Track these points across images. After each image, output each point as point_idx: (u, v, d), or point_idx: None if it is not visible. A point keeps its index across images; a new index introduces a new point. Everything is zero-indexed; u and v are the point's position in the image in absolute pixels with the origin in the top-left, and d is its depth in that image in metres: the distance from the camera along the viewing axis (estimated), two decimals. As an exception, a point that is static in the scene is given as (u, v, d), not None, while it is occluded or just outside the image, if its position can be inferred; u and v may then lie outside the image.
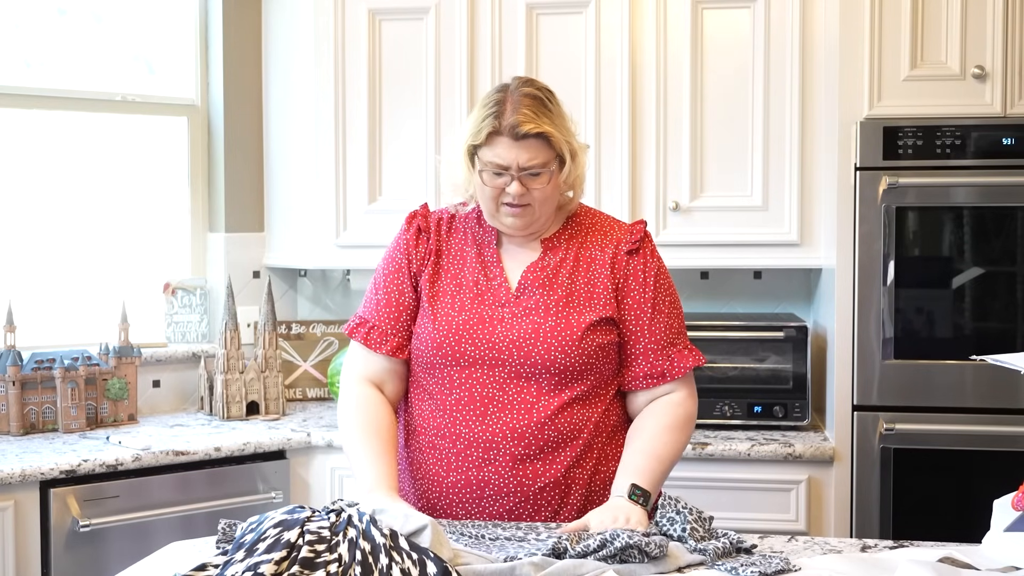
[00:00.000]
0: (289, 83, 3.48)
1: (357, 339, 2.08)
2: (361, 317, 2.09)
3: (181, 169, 3.61)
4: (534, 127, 1.92)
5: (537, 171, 1.94)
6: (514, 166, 1.93)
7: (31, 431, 3.06)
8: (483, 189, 1.98)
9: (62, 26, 3.40)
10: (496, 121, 1.93)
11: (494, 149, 1.94)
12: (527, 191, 1.95)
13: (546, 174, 1.96)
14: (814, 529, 2.89)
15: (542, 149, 1.94)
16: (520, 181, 1.94)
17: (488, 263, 2.04)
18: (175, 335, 3.54)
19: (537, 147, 1.93)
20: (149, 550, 1.90)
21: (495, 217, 2.01)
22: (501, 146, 1.93)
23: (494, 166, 1.94)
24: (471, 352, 1.98)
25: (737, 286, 3.53)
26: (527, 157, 1.93)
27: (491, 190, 1.97)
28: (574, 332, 1.97)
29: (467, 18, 3.23)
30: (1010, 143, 2.77)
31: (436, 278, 2.05)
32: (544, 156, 1.94)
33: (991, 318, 2.83)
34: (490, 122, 1.93)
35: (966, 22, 2.82)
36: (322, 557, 1.46)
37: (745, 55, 3.13)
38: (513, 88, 1.98)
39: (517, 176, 1.94)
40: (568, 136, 1.99)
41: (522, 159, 1.93)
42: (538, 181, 1.95)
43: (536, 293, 2.00)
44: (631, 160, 3.18)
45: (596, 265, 2.03)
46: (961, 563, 1.65)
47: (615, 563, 1.66)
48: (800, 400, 3.05)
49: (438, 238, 2.07)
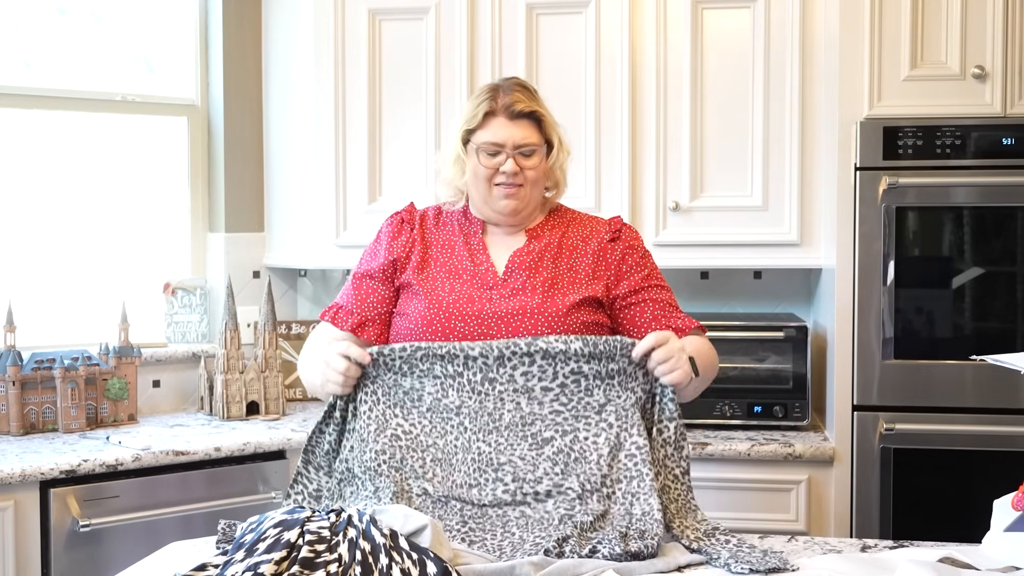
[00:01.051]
0: (289, 83, 3.49)
1: (325, 319, 2.18)
2: (334, 303, 2.20)
3: (181, 169, 3.61)
4: (528, 107, 2.09)
5: (530, 150, 2.08)
6: (509, 144, 2.07)
7: (31, 431, 3.06)
8: (478, 170, 2.09)
9: (62, 26, 3.40)
10: (492, 103, 2.08)
11: (490, 129, 2.08)
12: (520, 170, 2.08)
13: (538, 154, 2.10)
14: (814, 529, 2.89)
15: (534, 130, 2.09)
16: (514, 159, 2.07)
17: (475, 251, 2.13)
18: (175, 335, 3.54)
19: (530, 128, 2.09)
20: (149, 550, 1.90)
21: (488, 201, 2.11)
22: (497, 125, 2.08)
23: (490, 145, 2.07)
24: (461, 328, 2.02)
25: (737, 286, 3.53)
26: (521, 136, 2.08)
27: (486, 170, 2.08)
28: (559, 309, 2.03)
29: (467, 18, 3.23)
30: (1010, 143, 2.77)
31: (425, 265, 2.12)
32: (536, 137, 2.09)
33: (991, 318, 2.83)
34: (486, 104, 2.08)
35: (966, 22, 2.82)
36: (322, 557, 1.46)
37: (745, 55, 3.13)
38: (503, 81, 2.16)
39: (512, 154, 2.07)
40: (555, 125, 2.14)
41: (517, 137, 2.07)
42: (530, 161, 2.09)
43: (522, 275, 2.08)
44: (631, 160, 3.18)
45: (578, 252, 2.13)
46: (961, 563, 1.65)
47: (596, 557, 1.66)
48: (800, 400, 3.05)
49: (424, 229, 2.17)
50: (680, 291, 3.53)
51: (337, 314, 2.15)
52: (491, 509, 1.87)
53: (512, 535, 1.80)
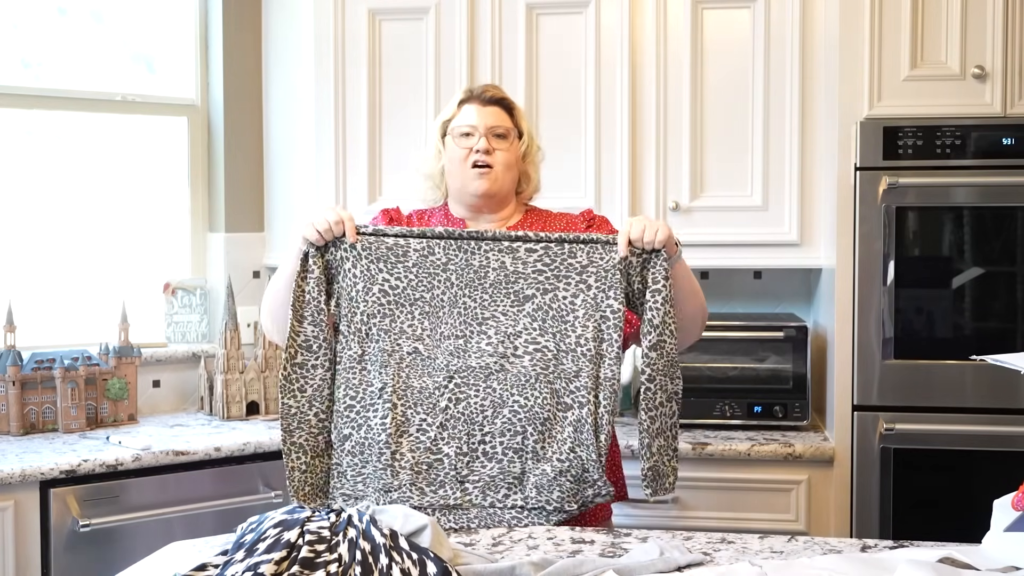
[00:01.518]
0: (289, 83, 3.49)
1: None
2: None
3: (181, 169, 3.61)
4: (498, 94, 2.29)
5: (502, 132, 2.25)
6: (481, 126, 2.24)
7: (31, 431, 3.06)
8: (454, 151, 2.25)
9: (62, 26, 3.40)
10: (466, 94, 2.29)
11: (464, 116, 2.26)
12: (492, 151, 2.23)
13: (509, 139, 2.26)
14: (814, 529, 2.89)
15: (505, 118, 2.26)
16: (487, 138, 2.23)
17: None
18: (175, 335, 3.54)
19: (500, 115, 2.26)
20: (149, 550, 1.90)
21: (464, 183, 2.24)
22: (469, 110, 2.26)
23: (464, 126, 2.24)
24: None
25: (737, 286, 3.53)
26: (493, 119, 2.24)
27: (461, 151, 2.24)
28: None
29: (467, 18, 3.23)
30: (1010, 143, 2.77)
31: None
32: (506, 124, 2.26)
33: (991, 318, 2.83)
34: (460, 95, 2.30)
35: (966, 22, 2.82)
36: (322, 557, 1.46)
37: (745, 55, 3.14)
38: (477, 86, 2.36)
39: (483, 134, 2.23)
40: (525, 118, 2.32)
41: (488, 121, 2.24)
42: (502, 143, 2.25)
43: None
44: (631, 160, 3.18)
45: None
46: (961, 563, 1.65)
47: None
48: (800, 400, 3.05)
49: (409, 224, 2.30)
50: (680, 291, 3.54)
51: None
52: (476, 363, 2.03)
53: (493, 391, 2.01)
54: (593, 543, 1.87)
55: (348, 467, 2.03)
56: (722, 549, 1.84)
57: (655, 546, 1.79)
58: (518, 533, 1.94)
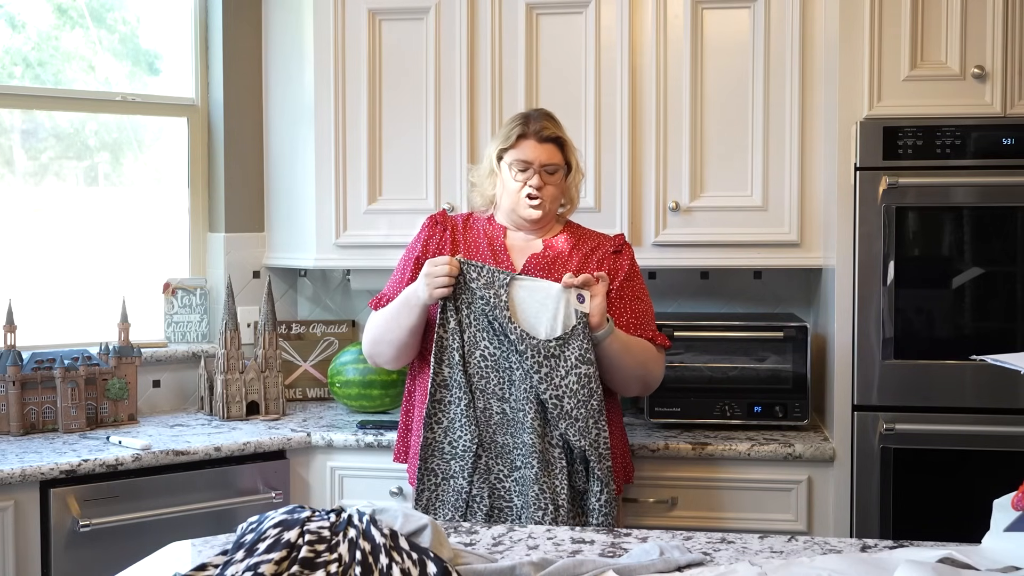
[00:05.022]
0: (289, 83, 3.49)
1: (372, 307, 2.61)
2: (381, 292, 2.62)
3: (181, 169, 3.61)
4: (554, 133, 2.53)
5: (553, 168, 2.52)
6: (537, 162, 2.51)
7: (31, 431, 3.06)
8: (510, 183, 2.52)
9: (62, 26, 3.40)
10: (524, 128, 2.52)
11: (521, 150, 2.51)
12: (544, 185, 2.51)
13: (559, 173, 2.54)
14: (814, 529, 2.89)
15: (557, 154, 2.53)
16: (540, 175, 2.50)
17: (497, 251, 2.54)
18: (175, 335, 3.54)
19: (554, 151, 2.52)
20: (149, 550, 1.90)
21: (516, 209, 2.53)
22: (527, 147, 2.51)
23: (521, 162, 2.51)
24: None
25: (737, 286, 3.53)
26: (547, 156, 2.51)
27: (516, 183, 2.51)
28: None
29: (467, 18, 3.23)
30: (1010, 143, 2.77)
31: None
32: (559, 158, 2.53)
33: (991, 318, 2.83)
34: (519, 129, 2.52)
35: (966, 22, 2.82)
36: (322, 557, 1.46)
37: (745, 55, 3.14)
38: (532, 111, 2.61)
39: (538, 171, 2.50)
40: (575, 150, 2.58)
41: (543, 157, 2.51)
42: (552, 178, 2.53)
43: (537, 275, 2.47)
44: (631, 160, 3.18)
45: (585, 260, 2.55)
46: (961, 563, 1.65)
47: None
48: (800, 400, 3.05)
49: (454, 231, 2.59)
50: (680, 291, 3.55)
51: (380, 301, 2.58)
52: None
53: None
54: (593, 543, 1.87)
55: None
56: (722, 549, 1.84)
57: (655, 546, 1.79)
58: (518, 533, 1.94)
